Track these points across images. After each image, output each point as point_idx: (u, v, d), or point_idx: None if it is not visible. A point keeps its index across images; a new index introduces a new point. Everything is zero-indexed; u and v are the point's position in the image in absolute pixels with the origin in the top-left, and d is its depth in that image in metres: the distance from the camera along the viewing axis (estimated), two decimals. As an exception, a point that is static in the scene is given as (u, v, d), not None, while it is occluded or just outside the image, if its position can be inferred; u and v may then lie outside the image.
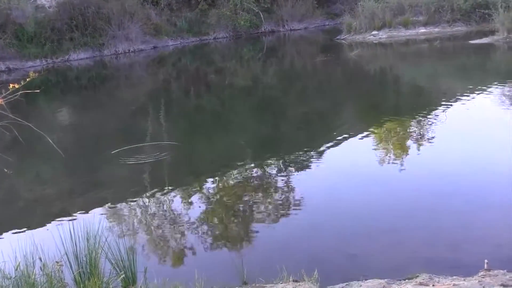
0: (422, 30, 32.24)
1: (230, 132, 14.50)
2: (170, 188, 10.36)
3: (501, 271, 5.71)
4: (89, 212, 9.29)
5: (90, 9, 33.15)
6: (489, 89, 16.73)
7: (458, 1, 31.60)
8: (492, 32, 27.24)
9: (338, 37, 33.63)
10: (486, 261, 5.99)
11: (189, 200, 9.64)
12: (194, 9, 39.31)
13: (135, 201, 9.81)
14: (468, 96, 16.03)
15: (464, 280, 5.46)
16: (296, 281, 5.83)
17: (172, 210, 9.25)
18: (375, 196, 9.00)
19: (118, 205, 9.67)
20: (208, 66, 29.51)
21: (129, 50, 34.37)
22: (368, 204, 8.68)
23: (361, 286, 5.59)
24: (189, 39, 38.19)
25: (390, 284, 5.53)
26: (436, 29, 32.06)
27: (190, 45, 37.43)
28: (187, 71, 29.04)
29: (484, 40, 26.87)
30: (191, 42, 37.99)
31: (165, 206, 9.52)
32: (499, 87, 17.15)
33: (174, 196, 9.94)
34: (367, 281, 5.73)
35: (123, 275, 6.03)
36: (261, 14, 40.46)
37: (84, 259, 5.91)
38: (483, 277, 5.49)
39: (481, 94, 16.22)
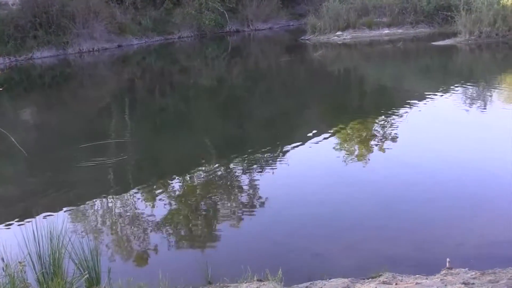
0: (386, 31, 32.52)
1: (194, 132, 14.45)
2: (134, 188, 10.30)
3: (463, 269, 5.78)
4: (53, 212, 9.18)
5: (54, 7, 32.76)
6: (452, 90, 16.95)
7: (421, 3, 31.96)
8: (454, 34, 27.58)
9: (302, 38, 33.75)
10: (448, 259, 6.06)
11: (153, 200, 9.59)
12: (159, 8, 39.17)
13: (99, 201, 9.73)
14: (431, 96, 16.22)
15: (427, 278, 5.51)
16: (261, 280, 5.83)
17: (136, 210, 9.20)
18: (339, 196, 9.05)
19: (82, 205, 9.58)
20: (173, 65, 29.40)
21: (93, 49, 34.11)
22: (332, 204, 8.72)
23: (325, 285, 5.61)
24: (154, 38, 38.02)
25: (353, 283, 5.56)
26: (400, 30, 32.37)
27: (155, 44, 37.26)
28: (152, 70, 28.89)
29: (447, 42, 27.20)
30: (156, 41, 37.82)
31: (129, 206, 9.46)
32: (461, 88, 17.38)
33: (138, 196, 9.88)
34: (331, 280, 5.75)
35: (87, 275, 5.98)
36: (226, 13, 40.45)
37: (48, 259, 5.85)
38: (445, 276, 5.55)
39: (444, 95, 16.42)
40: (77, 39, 33.68)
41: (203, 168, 11.16)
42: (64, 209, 9.38)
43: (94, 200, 9.75)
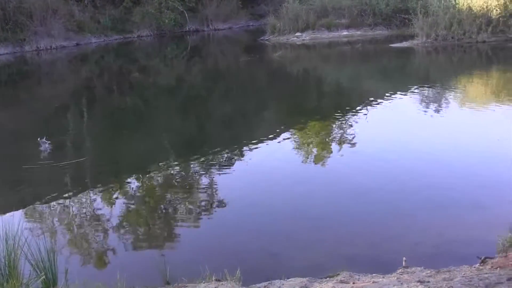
0: (345, 32, 32.79)
1: (153, 132, 14.37)
2: (91, 188, 10.21)
3: (418, 268, 5.87)
4: (8, 212, 9.06)
5: (11, 3, 32.35)
6: (409, 91, 17.18)
7: (380, 6, 32.32)
8: (412, 37, 27.94)
9: (262, 38, 33.85)
10: (404, 258, 6.15)
11: (111, 201, 9.53)
12: (118, 7, 38.90)
13: (56, 201, 9.59)
14: (388, 97, 16.42)
15: (383, 277, 5.58)
16: (219, 280, 5.84)
17: (93, 210, 9.12)
18: (297, 195, 9.09)
19: (39, 206, 9.45)
20: (132, 65, 29.20)
21: (51, 47, 33.72)
22: (290, 203, 8.76)
23: (283, 284, 5.64)
24: (112, 37, 37.76)
25: (311, 282, 5.59)
26: (358, 32, 32.70)
27: (113, 43, 37.01)
28: (110, 69, 28.67)
29: (404, 44, 27.55)
30: (115, 40, 37.57)
31: (86, 206, 9.38)
32: (418, 89, 17.62)
33: (96, 196, 9.79)
34: (289, 279, 5.78)
35: (44, 277, 5.91)
36: (185, 13, 40.35)
37: (3, 260, 5.75)
38: (401, 274, 5.63)
39: (401, 96, 16.65)
40: (35, 36, 33.26)
41: (162, 167, 11.11)
42: (20, 209, 9.26)
43: (51, 200, 9.62)
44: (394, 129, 12.92)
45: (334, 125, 13.80)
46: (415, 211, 8.11)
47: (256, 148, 12.08)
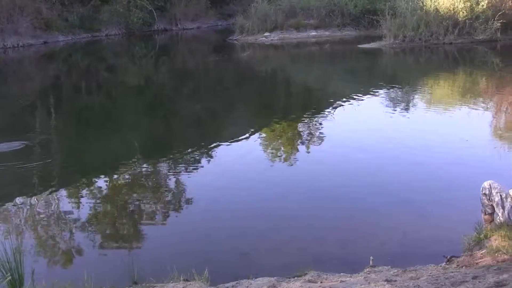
0: (313, 33, 32.93)
1: (121, 131, 14.27)
2: (58, 188, 10.08)
3: (385, 267, 5.91)
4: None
5: (-23, 1, 31.95)
6: (376, 92, 17.31)
7: (348, 7, 32.55)
8: (380, 38, 28.17)
9: (230, 38, 33.85)
10: (371, 258, 6.19)
11: (79, 200, 9.43)
12: (87, 5, 38.53)
13: (22, 202, 9.43)
14: (356, 98, 16.52)
15: (351, 276, 5.60)
16: (187, 280, 5.81)
17: (60, 210, 9.02)
18: (265, 195, 9.09)
19: (4, 206, 9.30)
20: (100, 63, 29.02)
21: (18, 45, 33.24)
22: (259, 203, 8.76)
23: (251, 284, 5.63)
24: (80, 35, 37.40)
25: (279, 281, 5.59)
26: (327, 33, 32.86)
27: (81, 41, 36.69)
28: (78, 67, 28.41)
29: (372, 45, 27.75)
30: (83, 38, 37.24)
31: (53, 206, 9.27)
32: (385, 89, 17.76)
33: (63, 196, 9.68)
34: (257, 279, 5.77)
35: (10, 277, 5.83)
36: (154, 12, 40.17)
37: (-32, 261, 5.68)
38: (368, 273, 5.66)
39: (369, 96, 16.76)
40: (1, 34, 32.76)
41: (130, 167, 11.04)
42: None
43: (17, 200, 9.47)
44: (362, 129, 12.98)
45: (302, 125, 13.84)
46: (382, 211, 8.16)
47: (224, 147, 12.07)
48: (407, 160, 10.49)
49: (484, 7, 26.61)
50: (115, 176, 10.64)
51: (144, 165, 11.12)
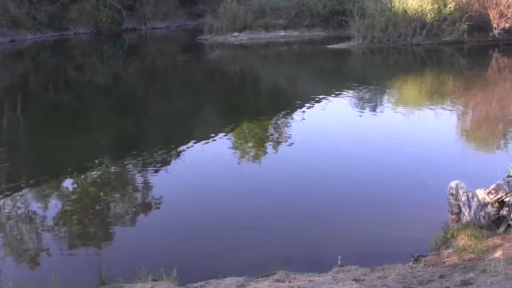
0: (282, 33, 33.00)
1: (89, 131, 14.14)
2: (26, 188, 9.94)
3: (353, 266, 5.94)
4: None
5: None
6: (344, 92, 17.40)
7: (317, 7, 32.65)
8: (348, 38, 28.31)
9: (199, 37, 33.80)
10: (339, 257, 6.21)
11: (46, 201, 9.33)
12: (55, 3, 38.13)
13: (-13, 201, 9.39)
14: (325, 98, 16.60)
15: (319, 276, 5.62)
16: (155, 280, 5.79)
17: (28, 211, 8.90)
18: (234, 195, 9.09)
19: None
20: (68, 62, 28.75)
21: (-16, 43, 32.93)
22: (227, 203, 8.75)
23: (219, 284, 5.62)
24: (49, 34, 37.03)
25: (248, 281, 5.59)
26: (296, 33, 32.95)
27: (50, 40, 36.32)
28: (46, 66, 28.13)
29: (341, 46, 27.88)
30: (51, 37, 36.87)
31: (20, 207, 9.15)
32: (354, 90, 17.85)
33: (30, 197, 9.56)
34: (226, 279, 5.77)
35: (-25, 279, 5.78)
36: (123, 11, 39.94)
37: None
38: (337, 273, 5.68)
39: (337, 96, 16.84)
40: (-34, 31, 32.45)
41: (98, 167, 10.95)
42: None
43: (-17, 200, 9.40)
44: (331, 129, 13.05)
45: (270, 125, 13.86)
46: (350, 210, 8.19)
47: (193, 147, 12.03)
48: (375, 160, 10.54)
49: (452, 9, 26.89)
50: (83, 176, 10.55)
51: (113, 165, 11.04)
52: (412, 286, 4.51)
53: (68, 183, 10.23)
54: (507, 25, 26.73)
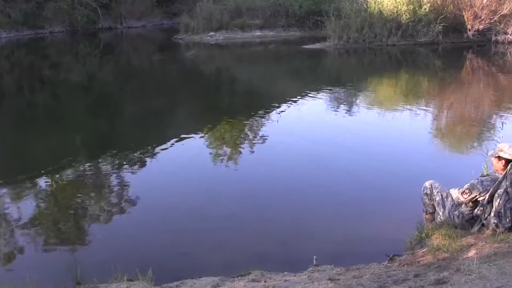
0: (258, 33, 33.02)
1: (64, 130, 14.06)
2: (0, 187, 9.91)
3: (329, 266, 5.95)
4: None
5: None
6: (320, 92, 17.45)
7: (293, 7, 32.68)
8: (324, 39, 28.38)
9: (175, 37, 33.72)
10: (315, 257, 6.22)
11: (20, 200, 9.24)
12: (30, 1, 37.77)
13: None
14: (300, 98, 16.62)
15: (295, 276, 5.63)
16: (131, 280, 5.76)
17: (2, 210, 8.81)
18: (209, 195, 9.06)
19: None
20: (43, 61, 28.54)
21: (-44, 41, 32.57)
22: (203, 203, 8.73)
23: (195, 284, 5.61)
24: (24, 32, 36.71)
25: (223, 281, 5.59)
26: (272, 33, 32.98)
27: (25, 38, 36.01)
28: (21, 65, 27.90)
29: (317, 46, 27.95)
30: (26, 35, 36.56)
31: (-6, 206, 9.10)
32: (330, 90, 17.91)
33: (5, 196, 9.44)
34: (201, 279, 5.76)
35: None
36: (99, 10, 39.71)
37: None
38: (312, 272, 5.70)
39: (313, 97, 16.88)
40: None
41: (73, 166, 10.88)
42: None
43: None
44: (305, 130, 13.07)
45: (246, 125, 13.86)
46: (325, 210, 8.21)
47: (169, 147, 11.99)
48: (350, 160, 10.57)
49: (427, 10, 27.07)
50: (58, 176, 10.47)
51: (88, 165, 10.97)
52: (387, 285, 4.53)
53: (42, 183, 10.14)
54: (481, 27, 27.02)
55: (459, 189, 5.98)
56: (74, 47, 34.11)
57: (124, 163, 10.99)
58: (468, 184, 5.88)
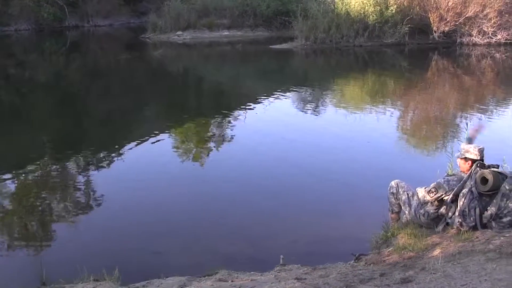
0: (226, 33, 33.04)
1: (29, 129, 13.89)
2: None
3: (295, 265, 5.96)
4: None
5: None
6: (287, 92, 17.49)
7: (261, 8, 32.75)
8: (292, 39, 28.47)
9: (143, 36, 33.60)
10: (281, 256, 6.24)
11: (-17, 199, 9.17)
12: (-5, -2, 37.44)
13: None
14: (267, 98, 16.65)
15: (262, 275, 5.62)
16: (97, 280, 5.72)
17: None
18: (175, 194, 9.03)
19: None
20: (8, 59, 28.19)
21: None
22: (169, 203, 8.70)
23: (161, 283, 5.58)
24: (-12, 29, 36.35)
25: (190, 281, 5.57)
26: (239, 33, 33.03)
27: (-12, 35, 35.66)
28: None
29: (284, 46, 28.02)
30: (-9, 33, 36.20)
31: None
32: (296, 90, 17.97)
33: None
34: (168, 278, 5.74)
35: None
36: (65, 7, 39.35)
37: None
38: (279, 272, 5.70)
39: (279, 97, 16.92)
40: None
41: (39, 166, 10.77)
42: None
43: None
44: (273, 129, 13.09)
45: (213, 124, 13.87)
46: (292, 210, 8.23)
47: (135, 146, 11.94)
48: (317, 160, 10.61)
49: (393, 11, 27.31)
50: (23, 175, 10.36)
51: (54, 164, 10.87)
52: (354, 284, 4.55)
53: (8, 182, 10.02)
54: (446, 29, 27.35)
55: (425, 188, 6.04)
56: (40, 45, 33.76)
57: (91, 162, 10.91)
58: (435, 183, 5.93)
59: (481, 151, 5.82)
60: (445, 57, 25.72)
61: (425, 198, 6.01)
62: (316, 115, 14.69)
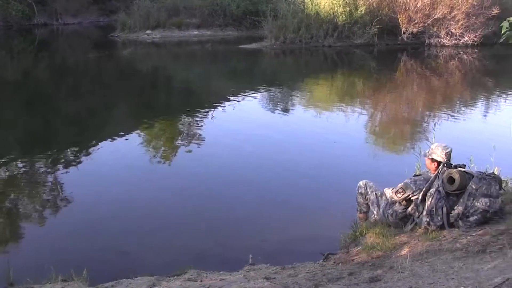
0: (195, 32, 33.00)
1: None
2: None
3: (264, 265, 5.98)
4: None
5: None
6: (256, 92, 17.51)
7: (231, 7, 32.76)
8: (261, 39, 28.52)
9: (112, 34, 33.41)
10: (250, 256, 6.25)
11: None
12: (-39, -6, 36.94)
13: None
14: (236, 97, 16.66)
15: (231, 274, 5.63)
16: (65, 280, 5.67)
17: None
18: (144, 194, 8.99)
19: None
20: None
21: None
22: (138, 202, 8.66)
23: (130, 283, 5.56)
24: (-46, 27, 35.88)
25: (159, 280, 5.56)
26: (209, 32, 33.01)
27: (-46, 33, 35.19)
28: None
29: (254, 46, 28.06)
30: (-44, 31, 35.73)
31: None
32: (265, 90, 18.00)
33: None
34: (137, 278, 5.71)
35: None
36: (34, 5, 38.95)
37: None
38: (248, 271, 5.71)
39: (248, 96, 16.93)
40: None
41: (6, 165, 10.66)
42: None
43: None
44: (242, 129, 13.10)
45: (182, 124, 13.84)
46: (261, 210, 8.24)
47: (103, 146, 11.87)
48: (285, 159, 10.62)
49: (363, 12, 27.51)
50: (-11, 174, 10.25)
51: (21, 163, 10.76)
52: (322, 283, 4.58)
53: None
54: (415, 30, 27.63)
55: (392, 189, 6.10)
56: (8, 43, 33.41)
57: (59, 161, 10.81)
58: (402, 183, 5.99)
59: (448, 154, 5.89)
60: (413, 58, 25.96)
61: (393, 199, 6.07)
62: (284, 115, 14.73)
